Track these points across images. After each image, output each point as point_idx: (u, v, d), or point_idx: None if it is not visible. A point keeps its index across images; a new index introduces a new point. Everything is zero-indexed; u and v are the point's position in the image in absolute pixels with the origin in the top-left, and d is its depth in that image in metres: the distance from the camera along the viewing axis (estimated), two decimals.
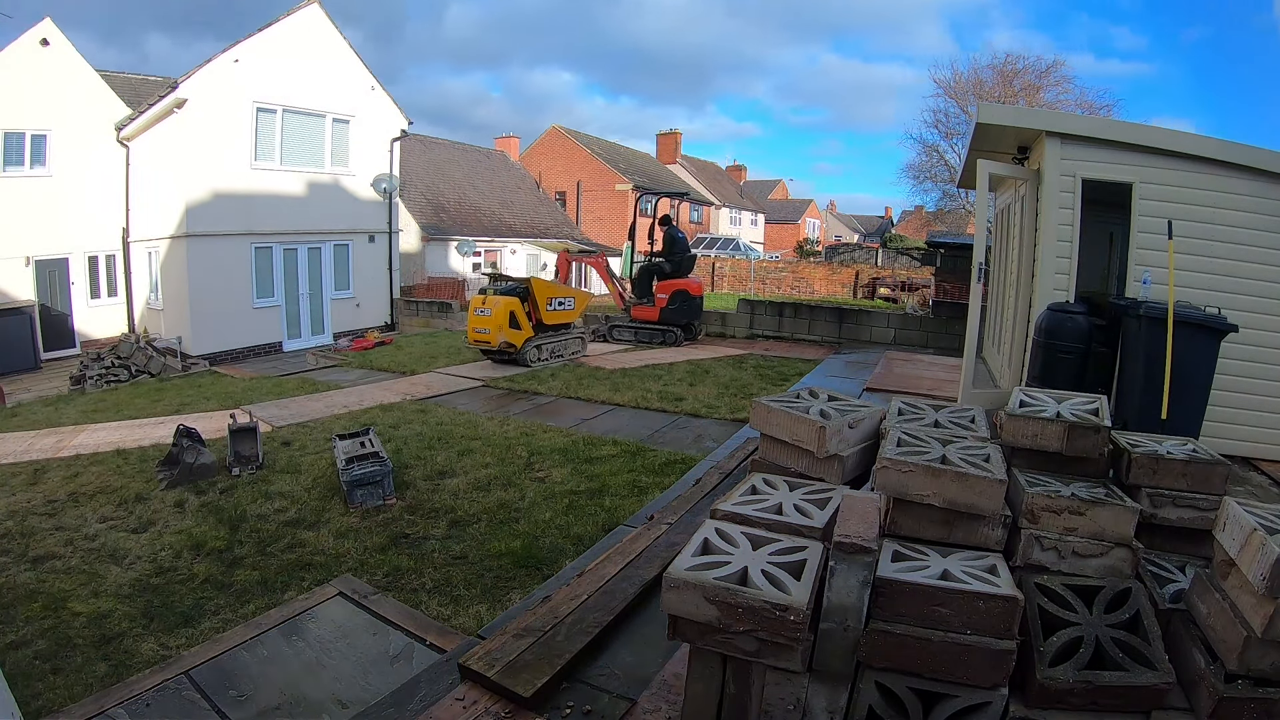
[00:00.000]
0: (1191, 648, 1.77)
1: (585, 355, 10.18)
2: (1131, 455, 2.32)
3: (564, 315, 9.99)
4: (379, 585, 3.61)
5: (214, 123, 12.17)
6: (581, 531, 4.10)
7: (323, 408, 7.52)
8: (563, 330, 10.15)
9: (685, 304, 10.95)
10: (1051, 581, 1.95)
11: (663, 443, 5.84)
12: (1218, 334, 3.92)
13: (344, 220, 14.73)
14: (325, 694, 2.74)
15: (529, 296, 9.50)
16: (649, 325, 11.11)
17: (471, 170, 25.77)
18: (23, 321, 12.40)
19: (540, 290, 9.60)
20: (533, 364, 9.37)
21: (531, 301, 9.52)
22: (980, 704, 1.72)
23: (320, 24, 14.00)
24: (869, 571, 1.74)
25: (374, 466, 4.73)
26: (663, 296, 10.94)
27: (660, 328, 11.02)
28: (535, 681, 2.28)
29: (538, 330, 9.63)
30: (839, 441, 2.47)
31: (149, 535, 4.33)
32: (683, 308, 10.94)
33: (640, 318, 11.19)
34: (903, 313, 12.02)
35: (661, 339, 10.99)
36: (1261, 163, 4.53)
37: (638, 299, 11.32)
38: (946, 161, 23.15)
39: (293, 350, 13.56)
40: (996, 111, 5.58)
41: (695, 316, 11.26)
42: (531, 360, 9.40)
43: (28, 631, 3.29)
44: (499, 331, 9.11)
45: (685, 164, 37.78)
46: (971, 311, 5.51)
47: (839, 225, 54.76)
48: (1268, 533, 1.61)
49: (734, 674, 1.85)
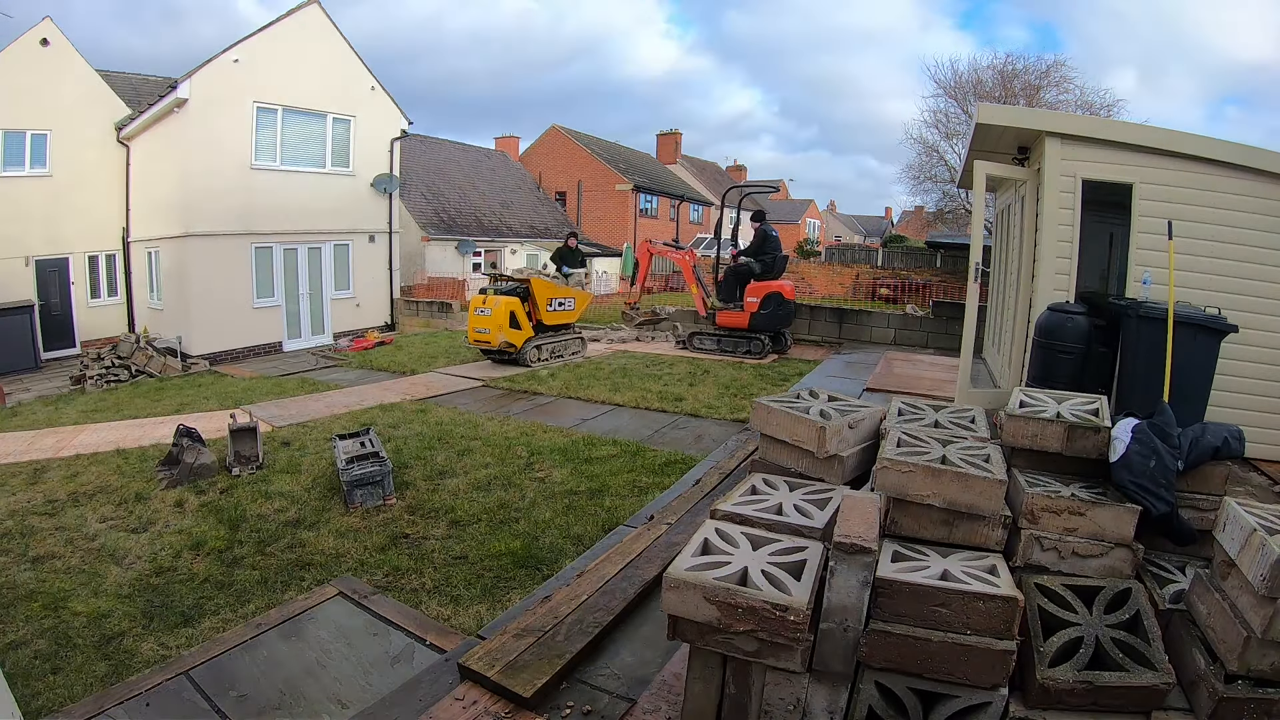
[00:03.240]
0: (1191, 648, 1.77)
1: (586, 355, 10.11)
2: None
3: (564, 316, 9.95)
4: (379, 585, 3.60)
5: (214, 122, 12.17)
6: (581, 531, 4.10)
7: (323, 408, 7.51)
8: (563, 330, 10.09)
9: (778, 309, 9.85)
10: (1051, 582, 1.95)
11: (663, 443, 5.84)
12: (1218, 334, 3.91)
13: (344, 220, 14.72)
14: (325, 694, 2.74)
15: (529, 296, 9.47)
16: (735, 333, 10.09)
17: (472, 170, 25.77)
18: (23, 321, 12.39)
19: (540, 290, 9.55)
20: (532, 364, 9.33)
21: (532, 301, 9.48)
22: (980, 704, 1.72)
23: (320, 24, 14.00)
24: (869, 572, 1.74)
25: (374, 466, 4.73)
26: (753, 301, 9.81)
27: (747, 335, 10.01)
28: (535, 681, 2.28)
29: (538, 330, 9.59)
30: (839, 442, 2.47)
31: (149, 535, 4.33)
32: (775, 314, 9.85)
33: (727, 324, 10.11)
34: (903, 313, 12.01)
35: (747, 348, 10.01)
36: (1262, 163, 4.53)
37: (724, 304, 10.21)
38: (946, 162, 23.13)
39: (293, 350, 13.56)
40: (996, 112, 5.58)
41: (786, 324, 10.22)
42: (531, 360, 9.37)
43: (28, 631, 3.29)
44: (499, 331, 9.10)
45: (685, 164, 37.76)
46: (969, 312, 5.51)
47: (839, 225, 54.76)
48: (1268, 533, 1.62)
49: (734, 674, 1.85)
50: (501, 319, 9.07)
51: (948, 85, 22.85)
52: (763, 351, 9.89)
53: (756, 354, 9.91)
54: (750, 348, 9.97)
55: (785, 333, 10.32)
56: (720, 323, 10.20)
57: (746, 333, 10.01)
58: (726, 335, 10.20)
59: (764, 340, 9.91)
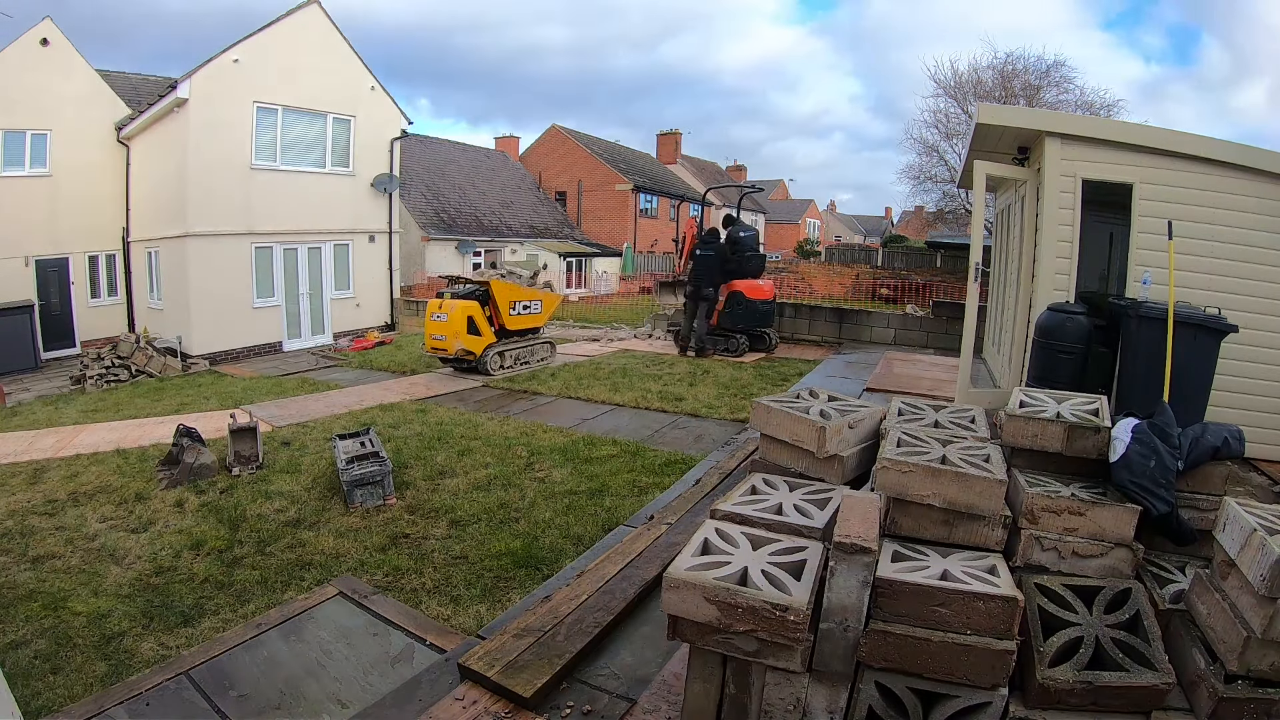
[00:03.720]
0: (1191, 648, 1.77)
1: (554, 361, 9.52)
2: None
3: (529, 320, 9.37)
4: (379, 585, 3.60)
5: (214, 122, 12.16)
6: (581, 531, 4.10)
7: (323, 407, 7.51)
8: (529, 335, 9.48)
9: (745, 308, 9.98)
10: (1051, 582, 1.95)
11: (663, 443, 5.84)
12: (1218, 334, 3.91)
13: (344, 220, 14.72)
14: (325, 694, 2.74)
15: (489, 300, 8.86)
16: (714, 331, 10.20)
17: (472, 170, 25.78)
18: (23, 321, 12.39)
19: (501, 293, 8.93)
20: (494, 372, 8.75)
21: (492, 305, 8.88)
22: (980, 704, 1.72)
23: (320, 24, 14.00)
24: (869, 571, 1.74)
25: (374, 466, 4.73)
26: (720, 300, 10.06)
27: (725, 333, 10.12)
28: (535, 681, 2.28)
29: (500, 336, 8.99)
30: (839, 442, 2.47)
31: (149, 535, 4.33)
32: (740, 312, 10.00)
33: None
34: (903, 313, 12.00)
35: (725, 346, 10.07)
36: (1262, 163, 4.53)
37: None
38: (946, 162, 23.12)
39: (293, 350, 13.55)
40: (996, 112, 5.58)
41: (761, 323, 10.29)
42: (493, 369, 8.76)
43: (28, 631, 3.29)
44: (455, 338, 8.50)
45: (686, 164, 37.76)
46: (969, 312, 5.51)
47: (839, 225, 54.79)
48: (1268, 533, 1.62)
49: (734, 674, 1.85)
50: (458, 324, 8.50)
51: (948, 85, 22.85)
52: (738, 349, 10.00)
53: (734, 352, 10.01)
54: (729, 345, 10.12)
55: (768, 333, 10.47)
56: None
57: (723, 330, 10.17)
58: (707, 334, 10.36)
59: (739, 338, 10.06)
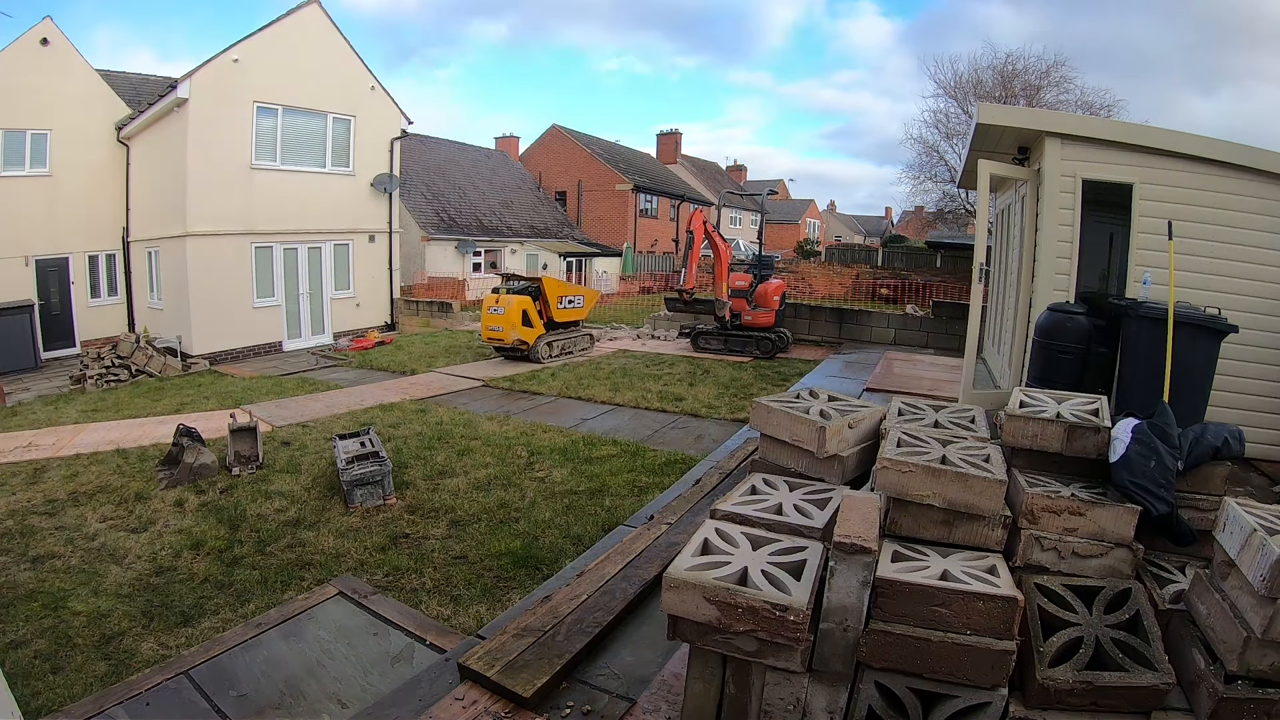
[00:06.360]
0: (1191, 648, 1.77)
1: (594, 352, 10.48)
2: None
3: (574, 313, 10.39)
4: (379, 585, 3.60)
5: (214, 122, 12.15)
6: (581, 531, 4.10)
7: (323, 407, 7.51)
8: (573, 327, 10.56)
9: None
10: (1051, 582, 1.95)
11: (663, 443, 5.84)
12: (1218, 334, 3.91)
13: (344, 220, 14.72)
14: (325, 694, 2.74)
15: (540, 295, 9.86)
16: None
17: (472, 170, 25.77)
18: (23, 321, 12.38)
19: (551, 289, 9.97)
20: (544, 360, 9.74)
21: (543, 300, 9.88)
22: (980, 704, 1.72)
23: (320, 23, 13.99)
24: (869, 571, 1.74)
25: (374, 466, 4.73)
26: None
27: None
28: (535, 681, 2.28)
29: (549, 328, 10.03)
30: (839, 442, 2.46)
31: (149, 535, 4.33)
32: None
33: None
34: (903, 313, 12.00)
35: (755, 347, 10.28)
36: (1262, 163, 4.53)
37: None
38: (946, 162, 23.12)
39: (293, 350, 13.54)
40: (997, 112, 5.57)
41: (777, 322, 10.45)
42: (543, 356, 9.78)
43: (28, 631, 3.29)
44: (512, 329, 9.49)
45: (686, 164, 37.77)
46: (972, 312, 5.51)
47: (839, 225, 54.78)
48: (1268, 533, 1.61)
49: (734, 674, 1.85)
50: (515, 317, 9.50)
51: (948, 85, 22.87)
52: (771, 350, 10.36)
53: (766, 353, 10.40)
54: (759, 346, 10.50)
55: (783, 332, 10.72)
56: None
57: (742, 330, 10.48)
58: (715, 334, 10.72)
59: (771, 337, 10.44)
